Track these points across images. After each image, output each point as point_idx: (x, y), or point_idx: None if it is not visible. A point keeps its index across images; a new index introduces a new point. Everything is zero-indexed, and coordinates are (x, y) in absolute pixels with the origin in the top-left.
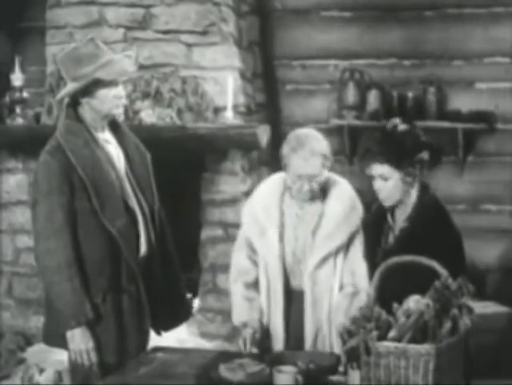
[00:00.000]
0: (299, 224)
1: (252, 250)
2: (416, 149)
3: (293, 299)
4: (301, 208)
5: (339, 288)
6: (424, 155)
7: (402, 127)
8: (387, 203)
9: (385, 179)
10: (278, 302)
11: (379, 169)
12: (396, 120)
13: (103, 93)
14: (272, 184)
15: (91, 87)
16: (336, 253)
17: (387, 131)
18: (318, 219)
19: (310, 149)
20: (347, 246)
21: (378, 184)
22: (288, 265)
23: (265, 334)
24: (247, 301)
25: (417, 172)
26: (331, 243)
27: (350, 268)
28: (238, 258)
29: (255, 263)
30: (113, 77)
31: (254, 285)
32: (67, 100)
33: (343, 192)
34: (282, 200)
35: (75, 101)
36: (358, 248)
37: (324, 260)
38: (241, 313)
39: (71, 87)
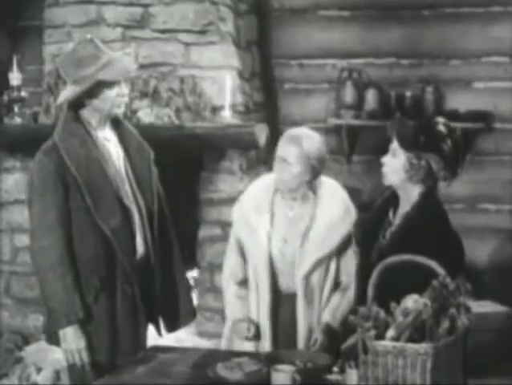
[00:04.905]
0: (289, 226)
1: (242, 250)
2: (426, 146)
3: (284, 302)
4: (291, 209)
5: (335, 286)
6: (432, 158)
7: (440, 127)
8: (385, 181)
9: (394, 156)
10: (265, 303)
11: (394, 144)
12: (441, 120)
13: (106, 93)
14: (263, 184)
15: (94, 88)
16: (329, 256)
17: (425, 121)
18: (309, 221)
19: (280, 156)
20: (340, 249)
21: (386, 158)
22: (277, 265)
23: (257, 328)
24: (239, 300)
25: (422, 170)
26: (323, 248)
27: (344, 268)
28: (230, 257)
29: (246, 261)
30: (115, 77)
31: (245, 283)
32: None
33: (336, 195)
34: (272, 201)
35: (76, 102)
36: (350, 249)
37: (317, 264)
38: (234, 311)
39: (73, 89)
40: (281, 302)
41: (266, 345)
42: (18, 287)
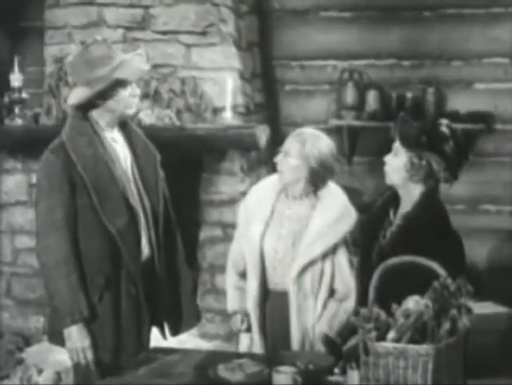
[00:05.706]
0: (285, 224)
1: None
2: (428, 147)
3: (273, 299)
4: (290, 207)
5: (331, 293)
6: (433, 158)
7: (443, 128)
8: (387, 180)
9: (396, 154)
10: (253, 297)
11: (397, 143)
12: (445, 121)
13: (120, 93)
14: (270, 181)
15: (108, 88)
16: (323, 258)
17: (428, 121)
18: (305, 222)
19: (284, 148)
20: (335, 252)
21: (388, 157)
22: (269, 262)
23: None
24: (238, 291)
25: (423, 170)
26: (313, 250)
27: (339, 275)
28: (235, 248)
29: None
30: (131, 76)
31: (245, 275)
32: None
33: (337, 199)
34: (276, 199)
35: (85, 103)
36: (345, 254)
37: (308, 266)
38: (233, 301)
39: (84, 90)
40: (270, 299)
41: (255, 338)
42: (19, 288)
